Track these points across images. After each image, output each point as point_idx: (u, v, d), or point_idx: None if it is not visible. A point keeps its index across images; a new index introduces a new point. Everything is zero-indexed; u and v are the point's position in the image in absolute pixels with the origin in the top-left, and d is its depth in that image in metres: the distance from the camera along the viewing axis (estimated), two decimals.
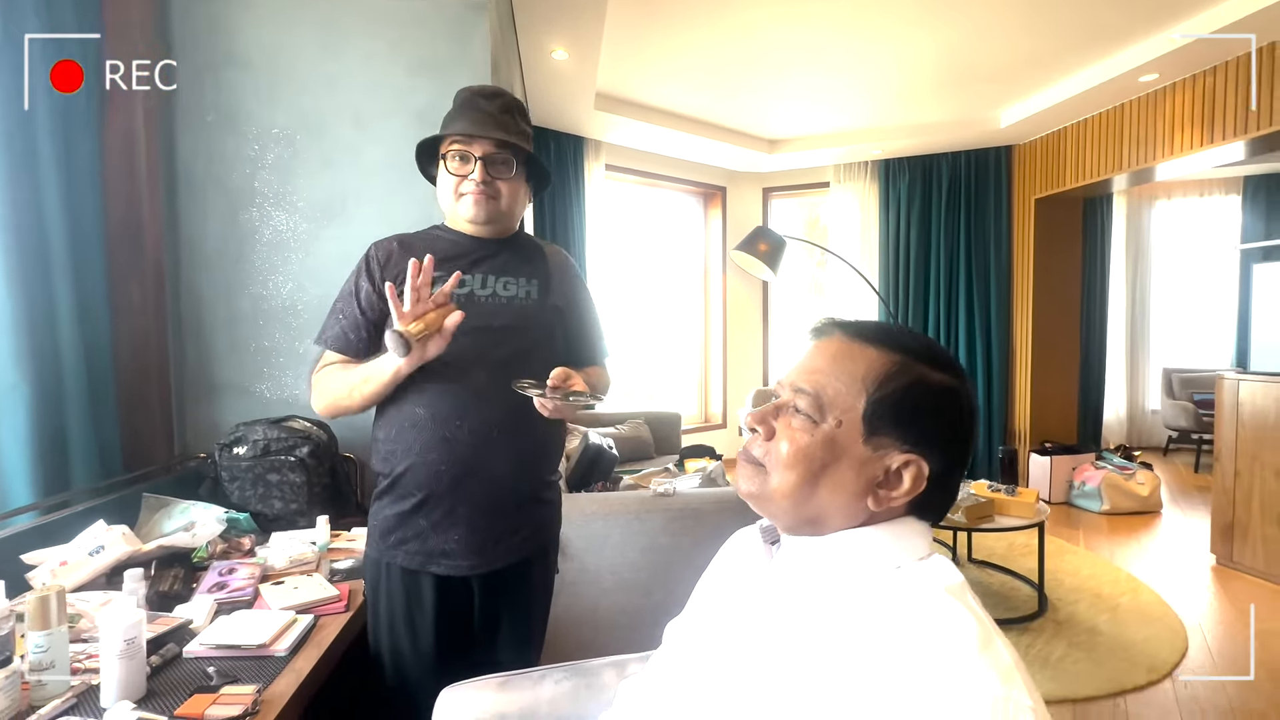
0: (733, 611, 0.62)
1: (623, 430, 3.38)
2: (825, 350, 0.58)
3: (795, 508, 0.56)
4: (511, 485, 1.05)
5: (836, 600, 0.52)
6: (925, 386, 0.54)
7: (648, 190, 4.66)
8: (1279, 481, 2.67)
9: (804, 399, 0.55)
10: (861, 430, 0.54)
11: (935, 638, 0.45)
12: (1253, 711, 1.83)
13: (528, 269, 1.11)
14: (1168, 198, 5.31)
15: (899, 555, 0.54)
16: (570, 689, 0.85)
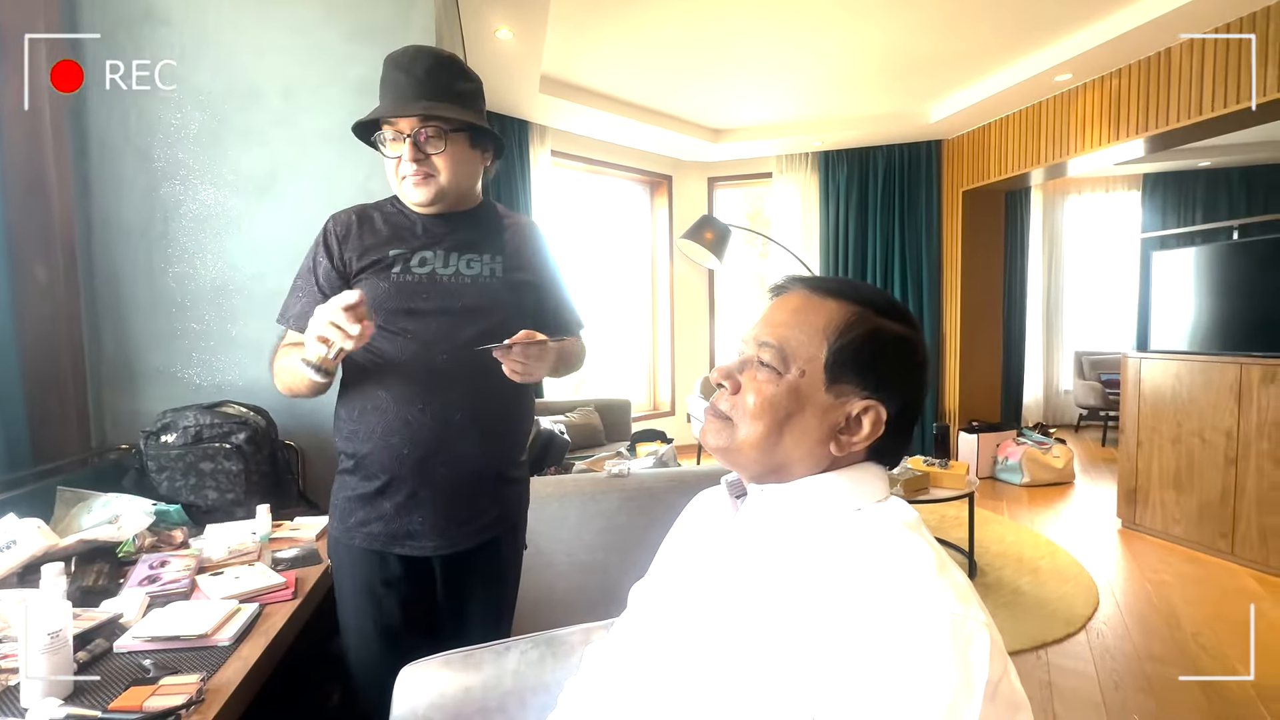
0: (700, 566, 0.63)
1: (573, 418, 3.36)
2: (787, 304, 0.60)
3: (763, 456, 0.58)
4: (477, 467, 1.02)
5: (801, 543, 0.55)
6: (883, 335, 0.57)
7: (594, 178, 4.64)
8: (1173, 449, 2.94)
9: (768, 351, 0.57)
10: (823, 379, 0.56)
11: (894, 565, 0.48)
12: (1156, 656, 2.01)
13: (491, 244, 1.06)
14: (1078, 193, 5.72)
15: (859, 498, 0.56)
16: (537, 658, 0.84)
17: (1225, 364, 2.73)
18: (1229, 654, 2.02)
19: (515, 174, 3.72)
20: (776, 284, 0.64)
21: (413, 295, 0.99)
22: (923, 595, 0.45)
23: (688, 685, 0.56)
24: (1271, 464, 2.56)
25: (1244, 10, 2.61)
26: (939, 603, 0.44)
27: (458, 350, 0.97)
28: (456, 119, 0.97)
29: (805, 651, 0.47)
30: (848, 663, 0.45)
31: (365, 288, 0.98)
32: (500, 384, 0.94)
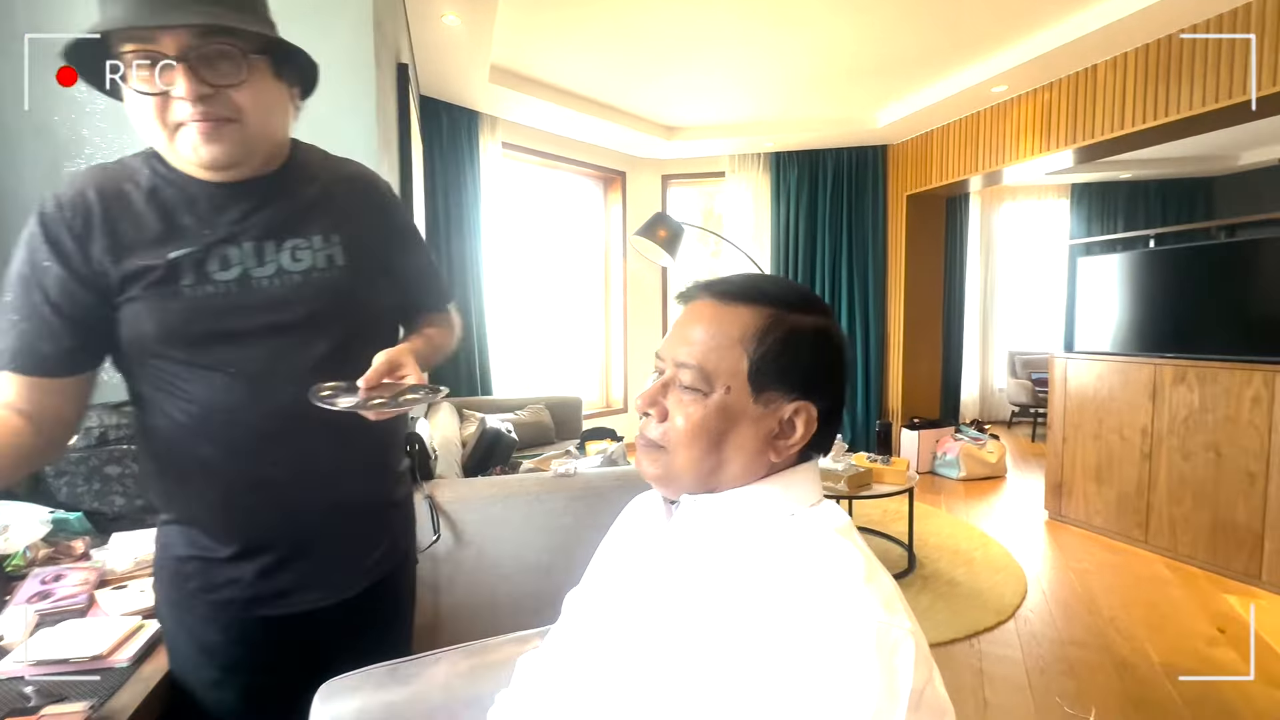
0: (633, 574, 0.62)
1: (523, 415, 3.30)
2: (698, 316, 0.58)
3: (703, 479, 0.57)
4: (358, 507, 0.84)
5: (733, 552, 0.54)
6: (800, 334, 0.56)
7: (547, 172, 4.56)
8: (1095, 445, 3.12)
9: (688, 373, 0.56)
10: (749, 391, 0.55)
11: (823, 573, 0.47)
12: (1078, 640, 2.13)
13: (322, 218, 0.77)
14: (1013, 199, 5.99)
15: (792, 503, 0.56)
16: (467, 670, 0.81)
17: (1141, 365, 2.90)
18: (1140, 635, 2.15)
19: (463, 164, 3.62)
20: (682, 292, 0.62)
21: (221, 315, 0.71)
22: (850, 604, 0.44)
23: (619, 696, 0.54)
24: (1180, 458, 2.74)
25: (1162, 33, 2.78)
26: (865, 611, 0.44)
27: (305, 379, 0.71)
28: (257, 32, 0.67)
29: (735, 661, 0.46)
30: (776, 672, 0.44)
31: (144, 313, 0.69)
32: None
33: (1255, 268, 2.64)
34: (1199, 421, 2.67)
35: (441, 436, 2.29)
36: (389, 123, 1.81)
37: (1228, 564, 2.57)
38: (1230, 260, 2.72)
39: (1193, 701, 1.79)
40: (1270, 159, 5.05)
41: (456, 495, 1.67)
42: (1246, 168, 5.28)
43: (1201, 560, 2.66)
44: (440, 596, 1.65)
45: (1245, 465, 2.51)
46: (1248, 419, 2.50)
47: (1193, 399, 2.69)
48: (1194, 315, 2.81)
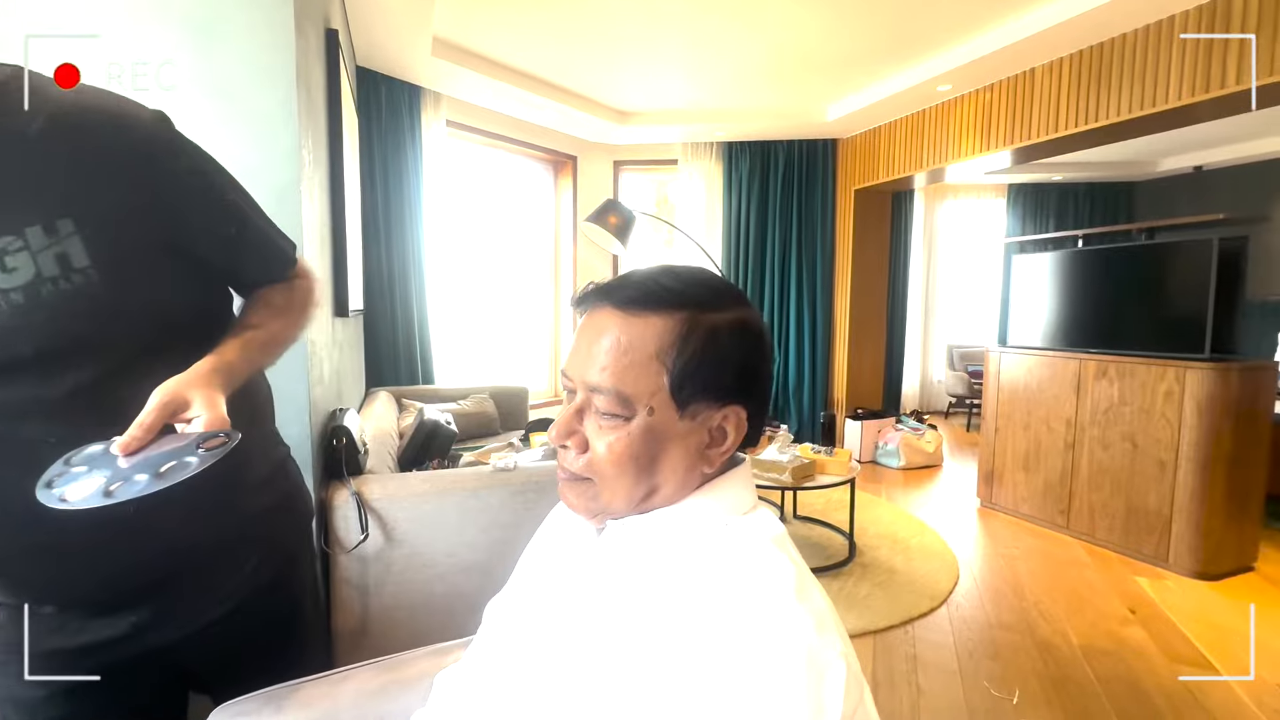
0: (559, 590, 0.57)
1: (465, 405, 3.20)
2: (601, 330, 0.51)
3: (635, 506, 0.53)
4: (194, 549, 0.72)
5: (665, 564, 0.50)
6: (719, 334, 0.51)
7: (495, 153, 4.41)
8: (1024, 435, 3.26)
9: (602, 398, 0.50)
10: (674, 407, 0.50)
11: (754, 587, 0.44)
12: (1004, 624, 2.22)
13: (40, 199, 0.55)
14: (955, 197, 6.19)
15: (724, 513, 0.52)
16: (379, 687, 0.75)
17: (1068, 359, 3.04)
18: (1060, 617, 2.26)
19: (405, 143, 3.45)
20: (578, 296, 0.55)
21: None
22: (779, 625, 0.41)
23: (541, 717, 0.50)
24: (1100, 448, 2.89)
25: (1095, 39, 2.89)
26: (796, 633, 0.41)
27: (44, 447, 0.53)
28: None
29: (660, 684, 0.43)
30: (703, 696, 0.41)
31: None
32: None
33: (1169, 269, 2.79)
34: (1118, 414, 2.81)
35: (376, 428, 2.18)
36: (313, 93, 1.68)
37: (1139, 548, 2.74)
38: (1146, 261, 2.87)
39: (1105, 680, 1.88)
40: (1186, 166, 5.38)
41: (387, 491, 1.59)
42: (1164, 174, 5.61)
43: (1116, 544, 2.82)
44: (369, 599, 1.57)
45: (1158, 455, 2.66)
46: (1161, 412, 2.65)
47: (1113, 392, 2.83)
48: (1115, 313, 2.95)
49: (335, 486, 1.55)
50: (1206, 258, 2.56)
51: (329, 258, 1.90)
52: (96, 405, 0.56)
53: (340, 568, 1.54)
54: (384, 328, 3.40)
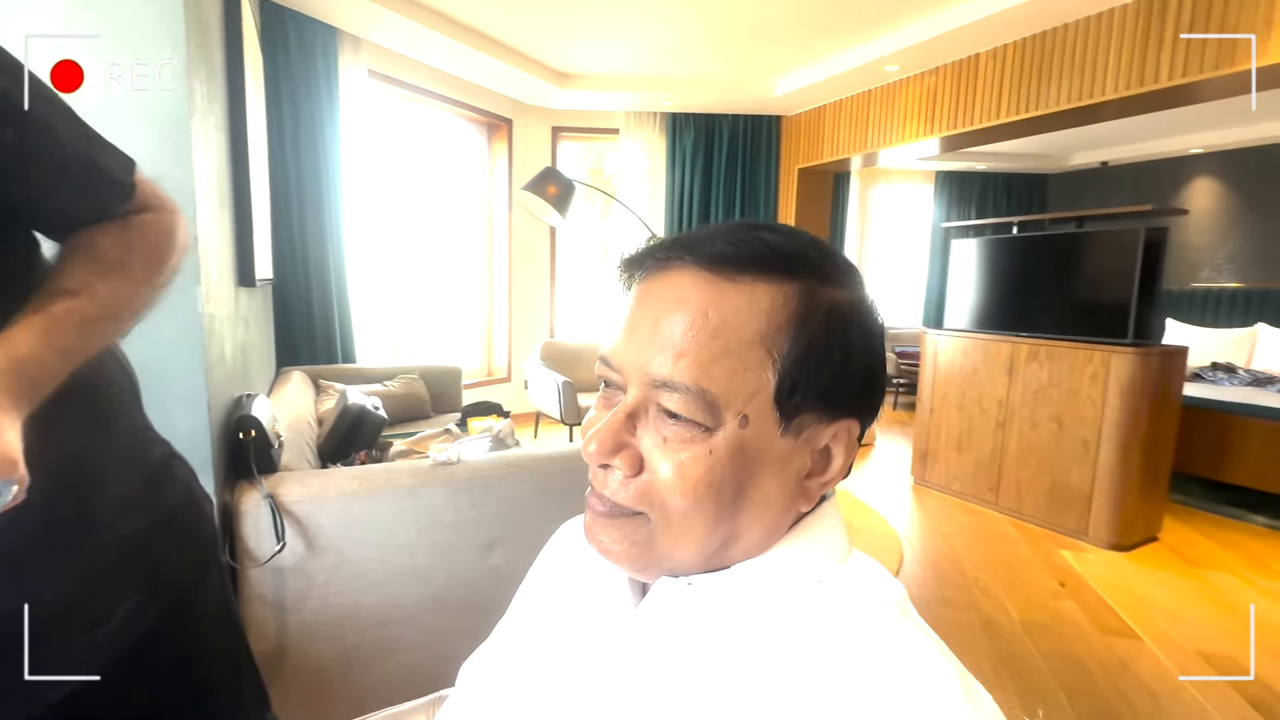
0: (585, 676, 0.41)
1: (393, 387, 2.92)
2: (681, 301, 0.35)
3: (709, 559, 0.37)
4: (42, 587, 0.55)
5: (747, 648, 0.35)
6: (845, 320, 0.37)
7: (423, 110, 4.04)
8: (958, 415, 3.36)
9: (676, 397, 0.35)
10: (776, 418, 0.35)
11: (905, 694, 0.31)
12: (950, 601, 2.26)
13: None
14: (887, 182, 6.34)
15: (819, 564, 0.39)
16: None
17: (1001, 342, 3.14)
18: (999, 593, 2.34)
19: (319, 89, 3.05)
20: (643, 254, 0.39)
21: None
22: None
23: None
24: (1029, 427, 3.02)
25: (1037, 29, 2.93)
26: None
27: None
28: None
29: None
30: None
31: None
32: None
33: (1098, 257, 2.91)
34: (1046, 395, 2.93)
35: (290, 416, 1.91)
36: (206, 27, 1.38)
37: (1061, 522, 2.89)
38: (1077, 249, 2.99)
39: (1046, 655, 1.95)
40: (1094, 161, 5.74)
41: (308, 492, 1.36)
42: (1075, 168, 5.97)
43: (1041, 519, 2.97)
44: (287, 617, 1.35)
45: (1081, 434, 2.80)
46: (1086, 393, 2.78)
47: (1043, 374, 2.95)
48: (1047, 298, 3.07)
49: (243, 488, 1.31)
50: (1133, 247, 2.68)
51: (230, 216, 1.60)
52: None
53: (251, 583, 1.31)
54: (297, 300, 3.04)
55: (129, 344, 0.73)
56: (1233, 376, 3.70)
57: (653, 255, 0.38)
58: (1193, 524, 3.03)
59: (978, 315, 3.35)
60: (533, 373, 3.99)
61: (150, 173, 1.12)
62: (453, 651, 1.57)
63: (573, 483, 1.63)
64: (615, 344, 0.38)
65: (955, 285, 3.52)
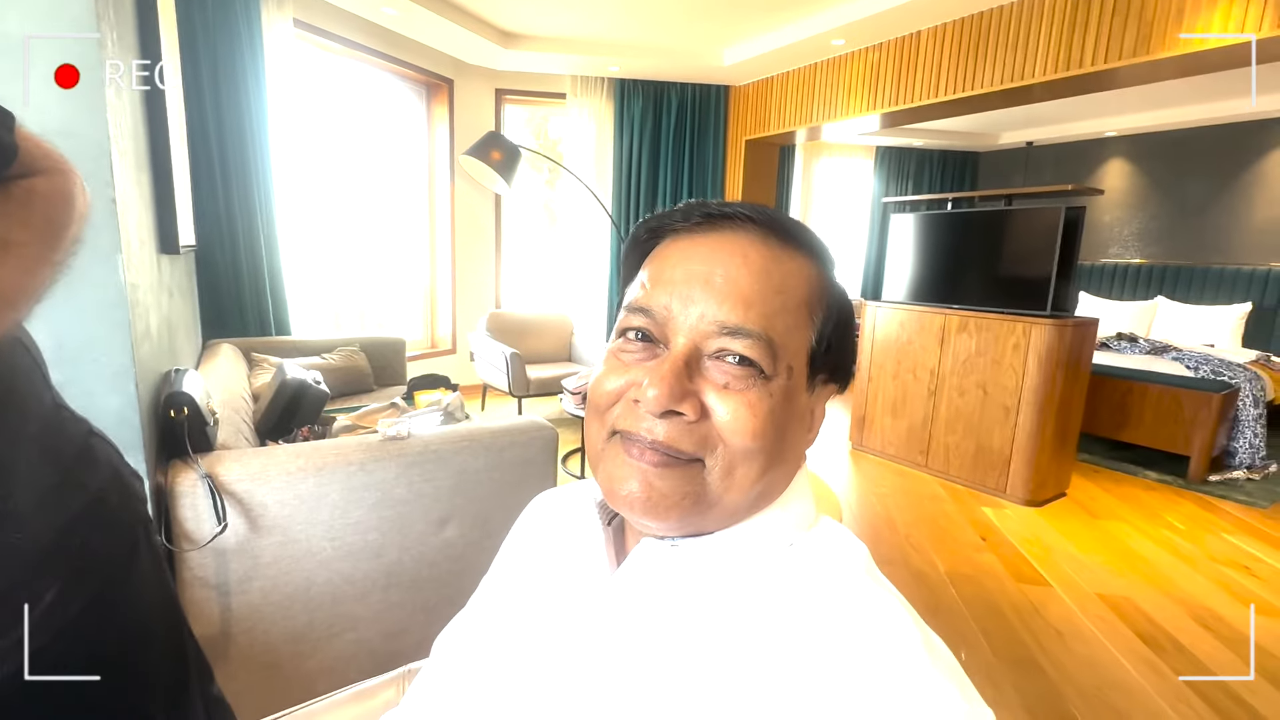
0: (565, 642, 0.43)
1: (332, 359, 2.81)
2: (744, 258, 0.38)
3: (744, 511, 0.40)
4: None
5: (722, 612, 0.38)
6: (844, 301, 0.42)
7: (357, 68, 3.80)
8: (893, 383, 3.54)
9: (749, 343, 0.37)
10: (806, 374, 0.40)
11: (873, 648, 0.34)
12: (884, 558, 2.41)
13: None
14: (830, 155, 6.45)
15: (791, 530, 0.41)
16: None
17: (934, 314, 3.31)
18: (927, 548, 2.51)
19: (240, 40, 2.82)
20: (693, 208, 0.41)
21: None
22: (924, 703, 0.31)
23: None
24: (957, 395, 3.21)
25: (975, 9, 3.02)
26: (944, 709, 0.31)
27: None
28: None
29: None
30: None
31: None
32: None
33: (1023, 233, 3.08)
34: (974, 364, 3.12)
35: (223, 391, 1.81)
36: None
37: (984, 482, 3.11)
38: (1005, 226, 3.15)
39: (968, 601, 2.12)
40: (1020, 141, 6.02)
41: (249, 471, 1.31)
42: (1003, 147, 6.25)
43: (966, 479, 3.19)
44: (231, 599, 1.31)
45: (1003, 401, 3.00)
46: (1009, 362, 2.98)
47: (971, 345, 3.13)
48: (976, 272, 3.24)
49: (178, 469, 1.25)
50: (1054, 224, 2.85)
51: (149, 177, 1.48)
52: None
53: (190, 566, 1.26)
54: (223, 267, 2.86)
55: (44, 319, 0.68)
56: (1134, 345, 4.04)
57: (692, 213, 0.40)
58: (1096, 480, 3.33)
59: (913, 288, 3.50)
60: (479, 344, 3.91)
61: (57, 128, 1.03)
62: (407, 626, 1.57)
63: (526, 455, 1.63)
64: (654, 295, 0.39)
65: (893, 259, 3.66)
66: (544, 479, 1.66)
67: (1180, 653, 1.86)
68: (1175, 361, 3.64)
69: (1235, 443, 3.43)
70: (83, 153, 1.03)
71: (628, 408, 0.38)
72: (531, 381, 3.59)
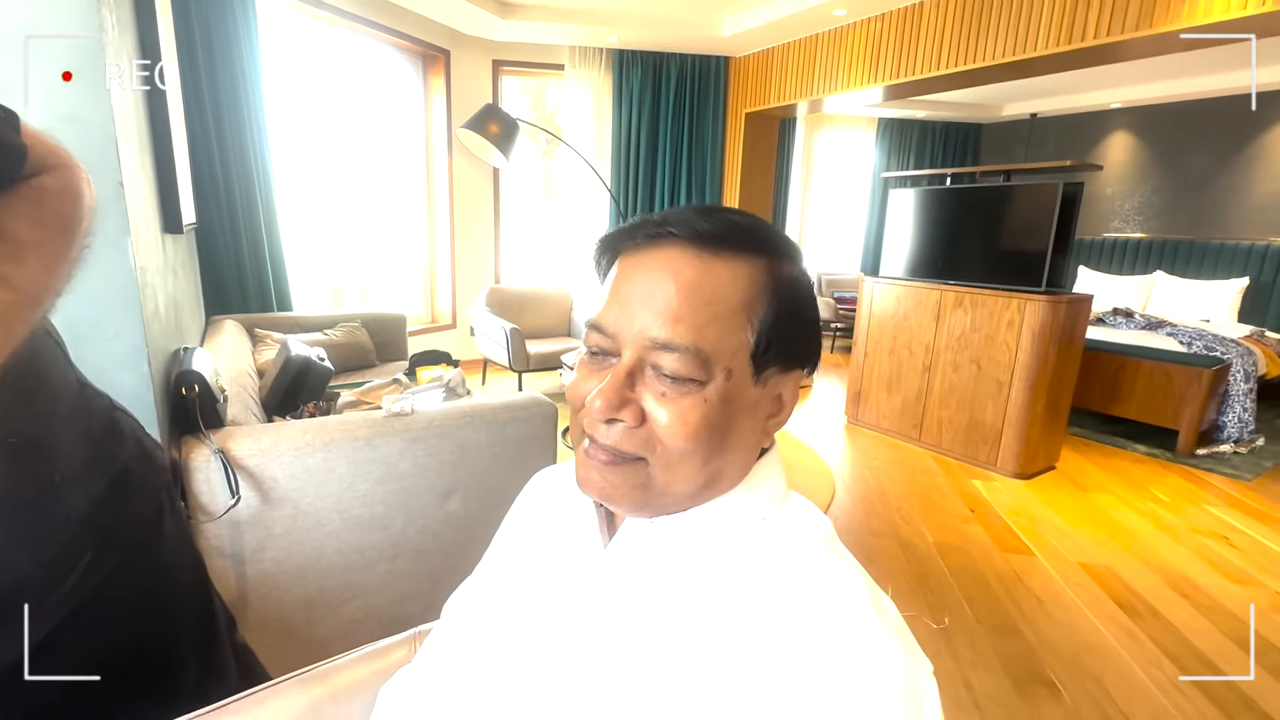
0: (562, 604, 0.48)
1: (335, 336, 2.85)
2: (673, 273, 0.41)
3: (696, 496, 0.44)
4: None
5: (702, 579, 0.42)
6: (797, 289, 0.45)
7: (352, 36, 3.75)
8: (889, 358, 3.58)
9: (673, 357, 0.41)
10: (751, 370, 0.43)
11: (828, 613, 0.38)
12: (874, 530, 2.48)
13: None
14: (831, 128, 6.38)
15: (762, 506, 0.46)
16: (309, 705, 0.63)
17: (930, 289, 3.33)
18: (917, 519, 2.58)
19: (234, 16, 2.78)
20: (637, 228, 0.44)
21: None
22: (869, 660, 0.36)
23: None
24: (951, 370, 3.25)
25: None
26: (888, 666, 0.36)
27: None
28: None
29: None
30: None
31: None
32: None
33: (1020, 209, 3.09)
34: (968, 340, 3.16)
35: (229, 368, 1.85)
36: None
37: (975, 455, 3.18)
38: (1003, 201, 3.15)
39: (955, 571, 2.19)
40: (1024, 113, 5.95)
41: (260, 446, 1.36)
42: (1007, 119, 6.18)
43: (958, 453, 3.25)
44: (246, 567, 1.37)
45: (997, 376, 3.05)
46: (1003, 338, 3.01)
47: (966, 320, 3.16)
48: (974, 248, 3.25)
49: (191, 444, 1.29)
50: (1052, 200, 2.85)
51: (150, 158, 1.50)
52: None
53: (207, 537, 1.31)
54: (223, 244, 2.87)
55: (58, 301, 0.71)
56: (1130, 320, 4.07)
57: (637, 233, 0.44)
58: (1085, 454, 3.40)
59: (911, 263, 3.51)
60: (479, 319, 3.94)
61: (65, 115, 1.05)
62: (414, 593, 1.64)
63: (527, 430, 1.68)
64: (607, 312, 0.43)
65: (892, 234, 3.67)
66: (544, 453, 1.71)
67: (1156, 618, 1.94)
68: (1169, 337, 3.68)
69: (1224, 417, 3.48)
70: (89, 138, 1.05)
71: (589, 411, 0.43)
72: (531, 356, 3.63)
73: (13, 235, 0.50)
